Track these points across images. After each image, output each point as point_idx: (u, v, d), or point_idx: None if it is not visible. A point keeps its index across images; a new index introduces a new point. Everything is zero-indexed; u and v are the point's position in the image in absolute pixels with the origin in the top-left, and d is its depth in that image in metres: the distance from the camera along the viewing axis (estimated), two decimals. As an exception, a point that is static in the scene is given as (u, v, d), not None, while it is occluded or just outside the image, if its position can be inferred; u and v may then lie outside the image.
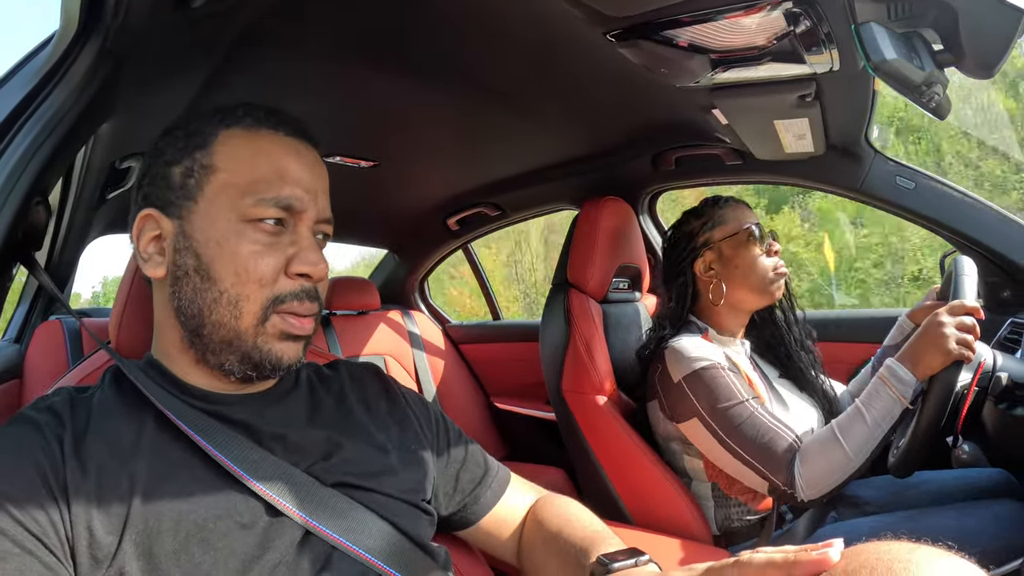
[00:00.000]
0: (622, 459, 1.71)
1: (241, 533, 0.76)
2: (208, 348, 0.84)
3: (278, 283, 0.83)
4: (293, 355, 0.86)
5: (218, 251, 0.82)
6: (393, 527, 0.87)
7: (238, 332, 0.83)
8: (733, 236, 1.64)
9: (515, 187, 2.61)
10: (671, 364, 1.55)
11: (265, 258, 0.83)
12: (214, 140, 0.86)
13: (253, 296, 0.82)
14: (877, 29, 1.04)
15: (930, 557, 0.49)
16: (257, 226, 0.83)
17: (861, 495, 1.68)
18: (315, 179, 0.90)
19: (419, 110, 1.76)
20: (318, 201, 0.89)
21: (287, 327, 0.84)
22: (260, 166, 0.85)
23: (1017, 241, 1.80)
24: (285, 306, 0.84)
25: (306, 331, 0.87)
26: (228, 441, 0.81)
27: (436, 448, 1.04)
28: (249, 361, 0.84)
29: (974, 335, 1.25)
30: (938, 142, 10.65)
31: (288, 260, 0.84)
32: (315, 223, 0.89)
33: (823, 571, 0.53)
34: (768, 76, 1.39)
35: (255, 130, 0.88)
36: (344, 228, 3.14)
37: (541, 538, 0.99)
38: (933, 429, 1.22)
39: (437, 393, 3.10)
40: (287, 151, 0.88)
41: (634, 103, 1.79)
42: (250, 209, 0.83)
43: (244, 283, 0.82)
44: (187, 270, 0.84)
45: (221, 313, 0.82)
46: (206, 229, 0.83)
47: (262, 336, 0.83)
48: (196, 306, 0.83)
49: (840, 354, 2.08)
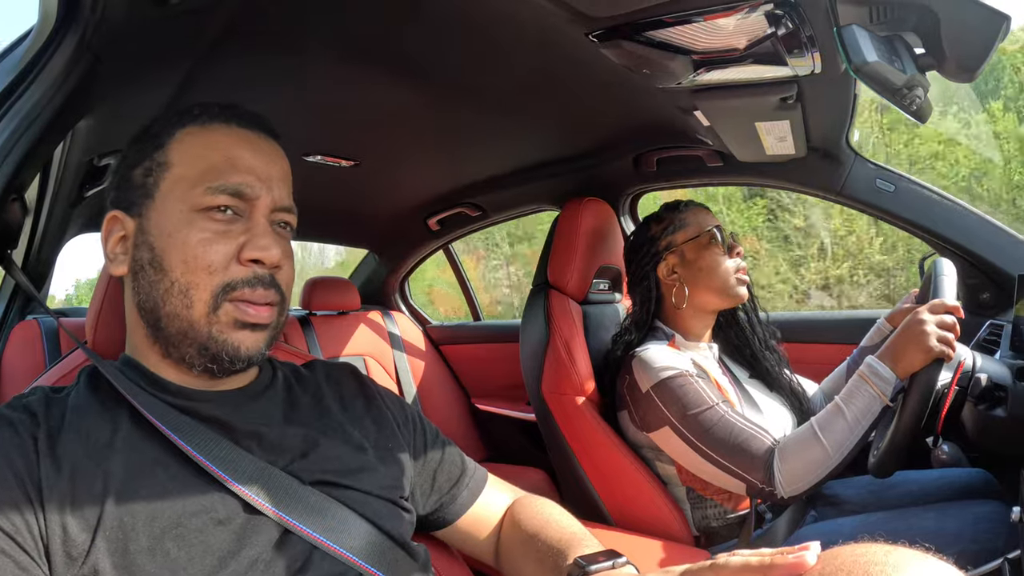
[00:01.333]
0: (602, 460, 1.71)
1: (217, 529, 0.75)
2: (169, 341, 0.84)
3: (229, 270, 0.83)
4: (252, 345, 0.85)
5: (169, 242, 0.83)
6: (373, 526, 0.86)
7: (191, 322, 0.82)
8: (695, 239, 1.65)
9: (496, 188, 2.61)
10: (638, 374, 1.55)
11: (214, 245, 0.83)
12: (170, 139, 0.88)
13: (203, 284, 0.82)
14: (859, 32, 1.04)
15: (907, 559, 0.49)
16: (208, 215, 0.84)
17: (841, 495, 1.69)
18: (269, 167, 0.89)
19: (400, 109, 1.75)
20: (273, 189, 0.88)
21: (240, 315, 0.84)
22: (211, 157, 0.86)
23: (996, 244, 1.81)
24: (237, 293, 0.83)
25: (262, 319, 0.86)
26: (204, 439, 0.80)
27: (413, 447, 1.04)
28: (207, 352, 0.83)
29: (955, 334, 1.26)
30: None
31: (240, 247, 0.84)
32: (272, 211, 0.88)
33: (800, 574, 0.53)
34: (750, 78, 1.39)
35: (208, 125, 0.89)
36: (324, 228, 3.18)
37: (518, 539, 0.99)
38: (913, 428, 1.22)
39: (417, 394, 3.09)
40: (239, 141, 0.89)
41: (616, 104, 1.78)
42: (200, 198, 0.83)
43: (193, 271, 0.82)
44: (143, 264, 0.85)
45: (173, 303, 0.82)
46: (161, 223, 0.84)
47: (216, 325, 0.83)
48: (152, 299, 0.84)
49: (814, 355, 2.08)
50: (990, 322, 1.77)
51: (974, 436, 1.32)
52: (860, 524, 1.45)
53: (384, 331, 3.16)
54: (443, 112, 1.80)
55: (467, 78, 1.58)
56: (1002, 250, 1.80)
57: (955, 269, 1.38)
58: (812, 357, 2.05)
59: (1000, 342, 1.59)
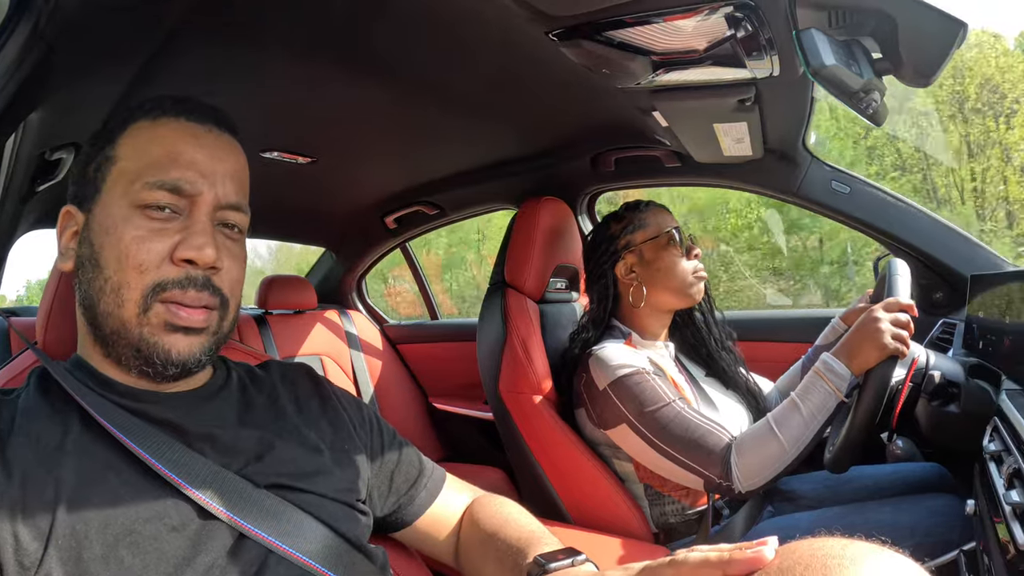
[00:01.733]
0: (560, 458, 1.71)
1: (171, 536, 0.74)
2: (107, 341, 0.82)
3: (160, 269, 0.80)
4: (184, 349, 0.82)
5: (107, 239, 0.81)
6: (329, 529, 0.85)
7: (123, 322, 0.80)
8: (654, 239, 1.66)
9: (454, 186, 2.60)
10: (595, 372, 1.55)
11: (148, 243, 0.80)
12: (121, 133, 0.86)
13: (133, 283, 0.80)
14: (817, 35, 1.05)
15: (864, 552, 0.49)
16: (145, 212, 0.81)
17: (798, 490, 1.71)
18: (214, 162, 0.86)
19: (358, 107, 1.74)
20: (217, 185, 0.85)
21: (171, 317, 0.81)
22: (153, 151, 0.84)
23: (949, 245, 1.86)
24: (167, 294, 0.80)
25: (196, 323, 0.83)
26: (156, 442, 0.78)
27: (370, 449, 1.03)
28: (140, 355, 0.81)
29: (908, 331, 1.28)
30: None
31: (175, 246, 0.81)
32: (215, 209, 0.85)
33: (758, 569, 0.54)
34: (708, 79, 1.40)
35: (158, 118, 0.86)
36: (281, 225, 3.16)
37: (478, 539, 0.99)
38: (868, 423, 1.24)
39: (375, 394, 3.08)
40: (184, 135, 0.86)
41: (575, 104, 1.79)
42: (139, 194, 0.81)
43: (125, 269, 0.80)
44: (84, 260, 0.83)
45: (107, 302, 0.80)
46: (102, 219, 0.82)
47: (147, 327, 0.80)
48: (90, 296, 0.82)
49: (771, 353, 2.11)
50: (943, 321, 1.81)
51: (928, 432, 1.34)
52: (817, 518, 1.47)
53: (341, 330, 3.14)
54: (401, 110, 1.79)
55: (425, 76, 1.57)
56: (955, 251, 1.85)
57: (909, 269, 1.40)
58: (768, 356, 2.08)
59: (953, 340, 1.63)
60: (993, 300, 1.41)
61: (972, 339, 1.50)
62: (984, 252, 1.84)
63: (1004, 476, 0.88)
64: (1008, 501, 0.80)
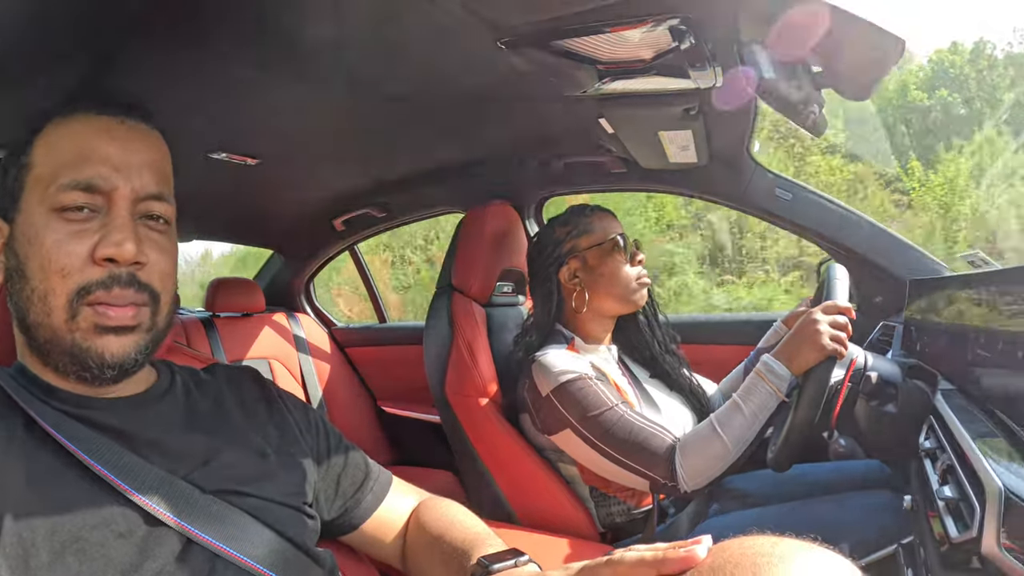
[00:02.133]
0: (506, 461, 1.71)
1: (118, 543, 0.73)
2: (42, 350, 0.81)
3: (83, 272, 0.78)
4: (118, 350, 0.80)
5: (30, 248, 0.79)
6: (276, 533, 0.85)
7: (53, 330, 0.79)
8: (599, 245, 1.66)
9: (402, 189, 2.59)
10: (538, 379, 1.56)
11: (67, 247, 0.78)
12: (34, 139, 0.84)
13: (58, 289, 0.78)
14: (758, 49, 1.07)
15: (793, 550, 0.51)
16: (63, 215, 0.79)
17: (742, 488, 1.74)
18: (128, 154, 0.83)
19: (304, 108, 1.72)
20: (133, 178, 0.82)
21: (100, 319, 0.79)
22: (65, 152, 0.81)
23: (888, 251, 1.92)
24: (93, 296, 0.78)
25: (125, 322, 0.80)
26: (101, 448, 0.77)
27: (316, 452, 1.02)
28: (76, 360, 0.79)
29: (847, 333, 1.32)
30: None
31: (95, 246, 0.79)
32: (135, 202, 0.82)
33: (691, 567, 0.55)
34: (653, 88, 1.42)
35: (70, 117, 0.84)
36: (229, 227, 3.12)
37: (424, 541, 0.99)
38: (808, 422, 1.27)
39: (323, 397, 3.05)
40: (95, 130, 0.83)
41: (523, 110, 1.79)
42: (55, 197, 0.79)
43: (48, 276, 0.78)
44: (12, 271, 0.82)
45: (36, 311, 0.79)
46: (24, 228, 0.81)
47: (78, 332, 0.79)
48: (20, 308, 0.81)
49: (714, 356, 2.14)
50: (882, 323, 1.87)
51: (867, 430, 1.39)
52: (761, 516, 1.50)
53: (289, 333, 3.11)
54: (347, 112, 1.78)
55: (373, 79, 1.55)
56: (894, 256, 1.91)
57: (847, 273, 1.44)
58: (711, 358, 2.11)
59: (892, 342, 1.68)
60: (931, 304, 1.46)
61: (910, 341, 1.54)
62: (923, 257, 1.90)
63: (938, 472, 0.91)
64: (941, 496, 0.83)
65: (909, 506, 1.09)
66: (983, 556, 0.66)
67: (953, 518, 0.78)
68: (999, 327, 0.97)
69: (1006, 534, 0.64)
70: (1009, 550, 0.63)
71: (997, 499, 0.66)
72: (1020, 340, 0.87)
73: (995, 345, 0.97)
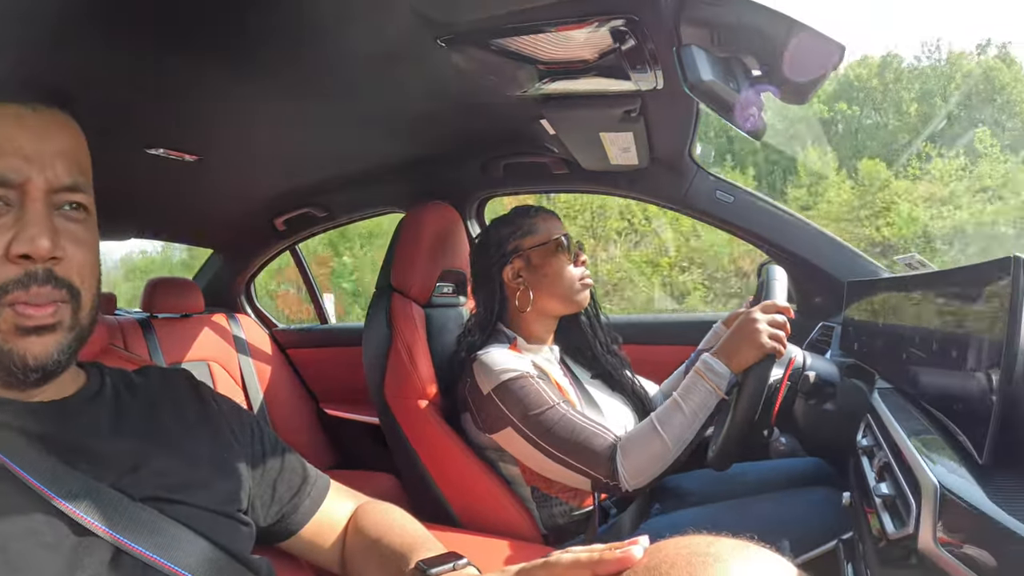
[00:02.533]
0: (447, 463, 1.71)
1: (45, 554, 0.70)
2: None
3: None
4: (40, 351, 0.76)
5: None
6: (209, 542, 0.83)
7: None
8: (543, 245, 1.67)
9: (342, 189, 2.58)
10: (479, 377, 1.55)
11: None
12: None
13: None
14: (697, 51, 1.08)
15: (728, 549, 0.51)
16: None
17: (684, 487, 1.76)
18: (40, 142, 0.78)
19: (243, 105, 1.69)
20: (47, 168, 0.77)
21: (19, 320, 0.75)
22: None
23: (827, 253, 1.97)
24: (10, 296, 0.74)
25: (45, 321, 0.76)
26: (25, 454, 0.74)
27: (251, 457, 1.00)
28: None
29: (785, 331, 1.34)
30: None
31: (9, 243, 0.74)
32: (50, 194, 0.78)
33: (627, 568, 0.55)
34: (594, 90, 1.43)
35: None
36: (167, 226, 3.07)
37: (362, 546, 0.99)
38: (748, 420, 1.29)
39: (264, 400, 3.00)
40: (5, 119, 0.78)
41: (464, 109, 1.79)
42: None
43: None
44: None
45: None
46: None
47: None
48: None
49: (656, 356, 2.15)
50: (821, 324, 1.90)
51: (805, 428, 1.41)
52: (703, 514, 1.52)
53: (229, 335, 3.05)
54: (286, 110, 1.75)
55: (310, 76, 1.54)
56: (832, 259, 1.96)
57: (786, 275, 1.46)
58: (653, 358, 2.12)
59: (831, 342, 1.71)
60: (868, 305, 1.49)
61: (848, 341, 1.58)
62: (860, 260, 1.95)
63: (875, 469, 0.92)
64: (878, 493, 0.84)
65: (847, 502, 1.10)
66: (920, 552, 0.67)
67: (890, 514, 0.80)
68: (933, 327, 0.99)
69: (942, 530, 0.65)
70: (945, 545, 0.64)
71: (933, 496, 0.67)
72: (953, 340, 0.88)
73: (929, 345, 0.99)
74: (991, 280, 0.78)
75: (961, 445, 0.78)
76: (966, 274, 0.91)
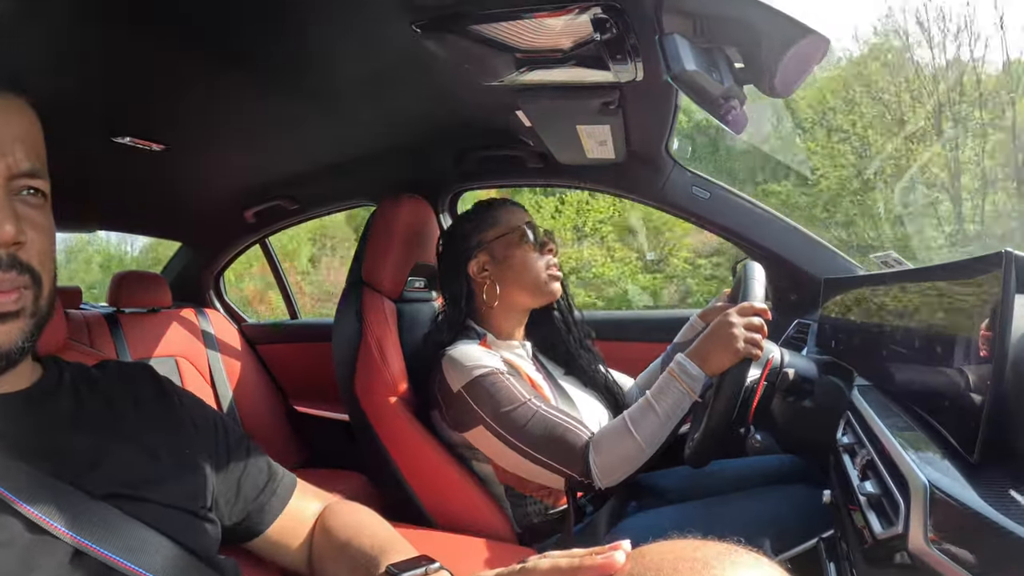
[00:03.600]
0: (419, 461, 1.68)
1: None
2: None
3: None
4: (4, 338, 0.75)
5: None
6: (173, 542, 0.81)
7: None
8: (504, 236, 1.66)
9: (312, 181, 2.55)
10: (449, 374, 1.53)
11: None
12: None
13: None
14: (680, 41, 1.07)
15: (716, 554, 0.50)
16: None
17: (661, 485, 1.75)
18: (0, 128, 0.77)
19: (211, 93, 1.66)
20: (7, 154, 0.76)
21: None
22: None
23: (803, 250, 1.97)
24: None
25: (8, 307, 0.75)
26: None
27: (214, 453, 0.98)
28: None
29: (762, 334, 1.32)
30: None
31: None
32: (9, 179, 0.76)
33: (609, 574, 0.54)
34: (572, 80, 1.41)
35: None
36: (134, 218, 3.06)
37: (331, 548, 0.97)
38: (724, 422, 1.28)
39: (233, 396, 2.96)
40: None
41: (438, 100, 1.78)
42: None
43: None
44: None
45: None
46: None
47: None
48: None
49: (629, 353, 2.15)
50: (797, 321, 1.91)
51: (784, 426, 1.40)
52: (680, 513, 1.51)
53: (197, 330, 3.00)
54: (256, 99, 1.72)
55: (281, 65, 1.51)
56: (809, 256, 1.96)
57: (764, 272, 1.45)
58: (626, 355, 2.12)
59: (807, 339, 1.71)
60: (845, 302, 1.49)
61: (825, 338, 1.58)
62: (836, 257, 1.95)
63: (858, 468, 0.92)
64: (863, 491, 0.83)
65: (828, 500, 1.10)
66: (911, 552, 0.66)
67: (876, 513, 0.79)
68: (916, 325, 0.99)
69: (933, 529, 0.64)
70: (936, 544, 0.63)
71: (923, 494, 0.66)
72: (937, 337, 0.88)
73: (911, 342, 0.98)
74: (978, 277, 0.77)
75: (946, 442, 0.77)
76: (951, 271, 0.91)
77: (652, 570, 0.50)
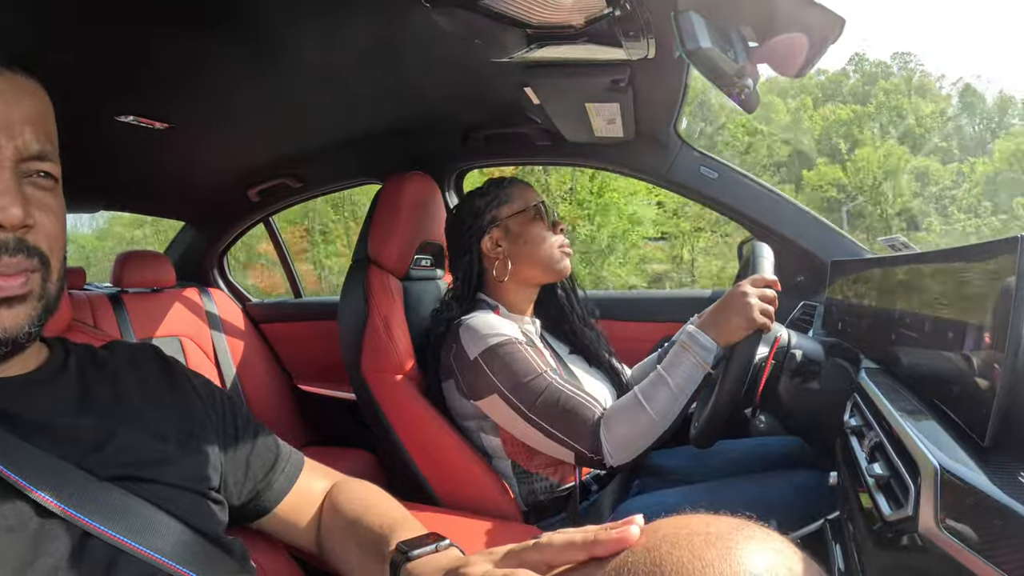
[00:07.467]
0: (425, 439, 1.69)
1: (8, 537, 0.68)
2: None
3: None
4: (10, 322, 0.74)
5: None
6: (181, 522, 0.81)
7: None
8: (520, 213, 1.66)
9: (318, 159, 2.54)
10: (466, 341, 1.53)
11: None
12: None
13: None
14: (695, 18, 1.05)
15: (729, 528, 0.50)
16: None
17: (665, 465, 1.76)
18: (8, 108, 0.75)
19: (216, 71, 1.64)
20: (16, 136, 0.75)
21: None
22: None
23: (811, 232, 1.98)
24: None
25: (16, 291, 0.74)
26: None
27: (223, 433, 0.98)
28: None
29: (774, 306, 1.32)
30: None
31: None
32: (19, 162, 0.75)
33: (624, 548, 0.53)
34: (583, 57, 1.40)
35: None
36: (138, 197, 3.02)
37: (339, 526, 0.97)
38: (733, 398, 1.28)
39: (238, 376, 2.96)
40: None
41: (446, 77, 1.76)
42: None
43: None
44: None
45: None
46: None
47: None
48: None
49: (632, 333, 2.16)
50: (804, 303, 1.91)
51: (789, 407, 1.40)
52: (685, 494, 1.51)
53: (201, 310, 2.99)
54: (262, 76, 1.70)
55: (288, 41, 1.49)
56: (816, 238, 1.97)
57: (771, 251, 1.45)
58: (628, 335, 2.13)
59: (813, 321, 1.71)
60: (851, 284, 1.49)
61: (831, 320, 1.58)
62: (843, 239, 1.96)
63: (866, 450, 0.91)
64: (871, 473, 0.83)
65: (835, 482, 1.10)
66: (921, 534, 0.66)
67: (884, 495, 0.79)
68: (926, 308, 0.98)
69: (943, 511, 0.64)
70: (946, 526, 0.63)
71: (933, 477, 0.66)
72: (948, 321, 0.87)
73: (921, 326, 0.97)
74: (990, 261, 0.77)
75: (956, 425, 0.77)
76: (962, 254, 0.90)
77: (667, 544, 0.49)
